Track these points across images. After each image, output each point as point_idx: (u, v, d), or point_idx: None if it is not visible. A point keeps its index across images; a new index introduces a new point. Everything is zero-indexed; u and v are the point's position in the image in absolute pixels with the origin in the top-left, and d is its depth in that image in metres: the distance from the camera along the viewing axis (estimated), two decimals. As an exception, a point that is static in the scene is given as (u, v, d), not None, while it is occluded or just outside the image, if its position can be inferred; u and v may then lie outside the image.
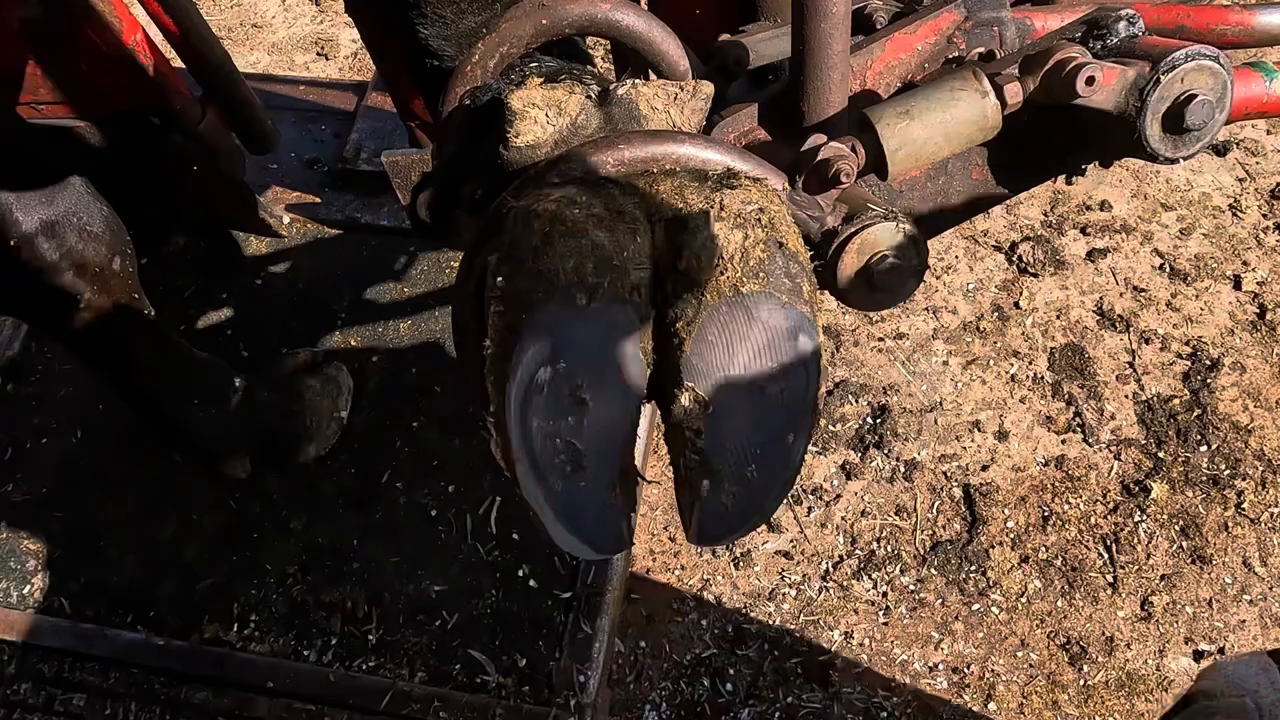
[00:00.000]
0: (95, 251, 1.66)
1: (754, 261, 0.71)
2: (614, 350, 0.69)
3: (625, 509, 0.78)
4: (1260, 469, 2.19)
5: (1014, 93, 0.85)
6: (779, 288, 0.72)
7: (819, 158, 0.82)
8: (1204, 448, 2.22)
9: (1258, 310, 2.43)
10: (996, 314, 2.46)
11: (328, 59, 3.29)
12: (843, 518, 2.20)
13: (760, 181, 0.73)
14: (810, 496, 2.22)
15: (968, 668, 2.02)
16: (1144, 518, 2.15)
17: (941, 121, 0.83)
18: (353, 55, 3.28)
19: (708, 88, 0.83)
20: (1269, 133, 2.77)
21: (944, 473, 2.24)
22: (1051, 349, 2.40)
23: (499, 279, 0.66)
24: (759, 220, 0.71)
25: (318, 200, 2.57)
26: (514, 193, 0.70)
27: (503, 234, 0.68)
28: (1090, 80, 0.83)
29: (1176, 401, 2.30)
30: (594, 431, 0.71)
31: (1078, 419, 2.30)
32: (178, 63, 2.01)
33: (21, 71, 1.94)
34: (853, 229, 0.81)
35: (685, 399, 0.74)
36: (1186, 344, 2.39)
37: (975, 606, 2.08)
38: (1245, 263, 2.52)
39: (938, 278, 2.54)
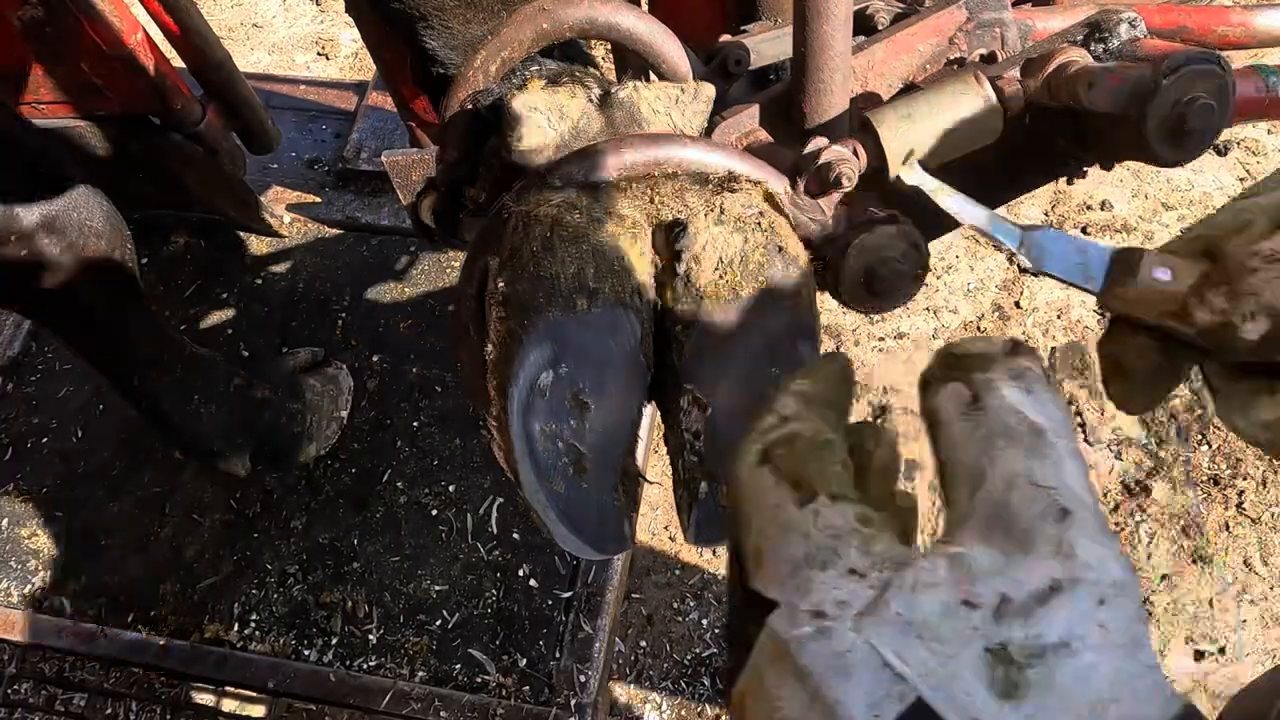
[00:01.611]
0: (96, 247, 1.66)
1: (753, 265, 0.71)
2: (615, 354, 0.69)
3: (627, 509, 0.78)
4: (1261, 469, 2.19)
5: (1015, 96, 0.85)
6: (779, 291, 0.72)
7: (820, 161, 0.82)
8: (1205, 447, 2.23)
9: (1258, 310, 2.43)
10: (997, 314, 2.46)
11: (328, 59, 3.29)
12: (843, 518, 2.19)
13: (761, 185, 0.73)
14: (810, 496, 2.22)
15: (968, 668, 2.02)
16: (1144, 517, 2.15)
17: (943, 124, 0.83)
18: (353, 55, 3.28)
19: (709, 90, 0.83)
20: (1269, 133, 2.76)
21: (944, 473, 2.24)
22: (1052, 349, 2.40)
23: (500, 283, 0.66)
24: (759, 224, 0.71)
25: (318, 200, 2.57)
26: (515, 197, 0.70)
27: (504, 238, 0.68)
28: (1092, 84, 0.83)
29: (1177, 401, 2.30)
30: (595, 434, 0.71)
31: (1078, 418, 2.30)
32: (178, 62, 2.01)
33: (22, 71, 1.95)
34: (854, 232, 0.81)
35: (684, 401, 0.75)
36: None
37: (975, 606, 2.08)
38: (1246, 262, 2.52)
39: (938, 278, 2.54)
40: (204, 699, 1.89)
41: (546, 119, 0.75)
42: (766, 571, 0.39)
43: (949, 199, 0.70)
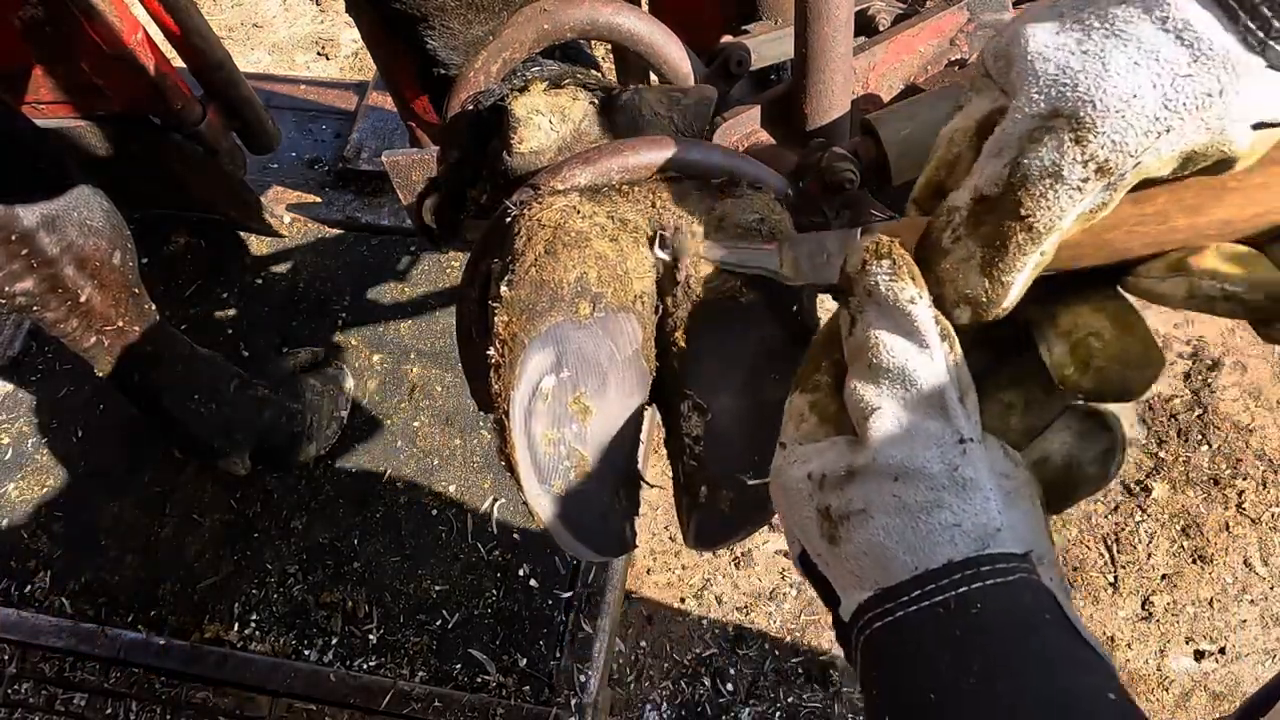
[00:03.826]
0: (96, 246, 1.66)
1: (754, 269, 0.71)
2: (617, 358, 0.69)
3: (628, 512, 0.78)
4: (1261, 469, 2.19)
5: (1017, 98, 0.85)
6: (779, 295, 0.72)
7: (822, 164, 0.82)
8: (1205, 447, 2.23)
9: (1258, 310, 2.43)
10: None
11: (328, 59, 3.28)
12: (843, 518, 2.19)
13: (762, 188, 0.73)
14: (811, 496, 2.21)
15: (968, 668, 2.02)
16: (1145, 517, 2.15)
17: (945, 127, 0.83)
18: (353, 55, 3.28)
19: (710, 92, 0.83)
20: (1270, 132, 2.76)
21: (944, 473, 2.24)
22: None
23: (503, 287, 0.66)
24: (759, 229, 0.71)
25: (318, 200, 2.57)
26: (517, 201, 0.70)
27: (506, 242, 0.68)
28: (1093, 85, 0.83)
29: (1177, 401, 2.30)
30: (597, 437, 0.71)
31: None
32: (178, 62, 2.01)
33: (23, 71, 1.94)
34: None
35: (685, 406, 0.75)
36: (1188, 343, 2.39)
37: (975, 606, 2.08)
38: (1246, 262, 2.52)
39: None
40: (204, 699, 1.89)
41: (548, 121, 0.75)
42: None
43: (730, 254, 0.69)
